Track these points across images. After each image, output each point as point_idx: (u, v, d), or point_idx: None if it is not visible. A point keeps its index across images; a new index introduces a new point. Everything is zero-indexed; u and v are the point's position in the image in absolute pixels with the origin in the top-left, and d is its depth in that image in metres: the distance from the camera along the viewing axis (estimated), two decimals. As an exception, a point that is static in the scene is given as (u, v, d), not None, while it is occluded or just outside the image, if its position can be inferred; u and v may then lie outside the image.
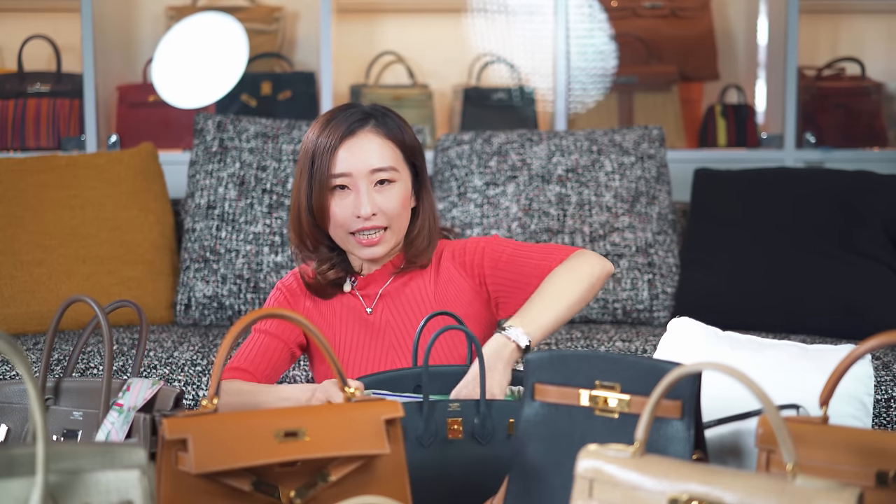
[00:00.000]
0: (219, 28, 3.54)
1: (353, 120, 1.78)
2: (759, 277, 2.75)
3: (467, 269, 1.85)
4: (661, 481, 1.02)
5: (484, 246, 1.85)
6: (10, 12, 3.80)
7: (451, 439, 1.46)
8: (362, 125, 1.78)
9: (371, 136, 1.78)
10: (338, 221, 1.78)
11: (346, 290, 1.85)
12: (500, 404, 1.49)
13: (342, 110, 1.81)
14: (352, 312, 1.84)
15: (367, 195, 1.75)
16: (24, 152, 3.38)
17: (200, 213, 2.83)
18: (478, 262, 1.84)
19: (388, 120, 1.81)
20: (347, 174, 1.76)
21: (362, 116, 1.79)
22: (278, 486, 1.20)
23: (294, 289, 1.87)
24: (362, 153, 1.77)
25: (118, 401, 1.46)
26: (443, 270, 1.85)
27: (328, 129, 1.78)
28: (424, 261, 1.84)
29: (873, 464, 1.15)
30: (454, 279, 1.85)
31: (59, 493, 0.98)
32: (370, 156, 1.77)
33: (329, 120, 1.79)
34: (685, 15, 3.67)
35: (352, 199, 1.76)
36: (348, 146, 1.76)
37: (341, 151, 1.76)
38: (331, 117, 1.80)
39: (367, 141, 1.77)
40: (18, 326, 2.67)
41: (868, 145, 3.57)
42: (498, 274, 1.82)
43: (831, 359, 1.41)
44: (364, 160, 1.76)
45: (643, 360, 1.27)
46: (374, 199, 1.76)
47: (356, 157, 1.76)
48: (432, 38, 3.85)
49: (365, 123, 1.78)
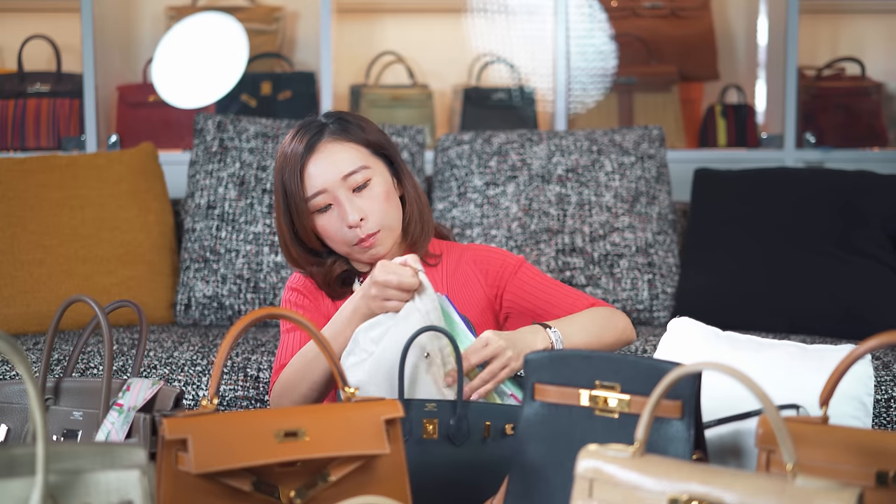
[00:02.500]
0: (219, 28, 3.55)
1: (311, 135, 1.78)
2: (759, 277, 2.75)
3: (490, 278, 1.86)
4: (661, 481, 1.02)
5: (516, 265, 1.87)
6: (10, 12, 3.80)
7: (425, 439, 1.46)
8: (320, 137, 1.78)
9: (331, 146, 1.77)
10: (336, 238, 1.78)
11: (356, 289, 1.85)
12: (477, 406, 1.49)
13: (297, 130, 1.81)
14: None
15: (348, 203, 1.75)
16: (24, 152, 3.38)
17: (200, 213, 2.83)
18: (504, 277, 1.85)
19: (346, 123, 1.80)
20: (322, 191, 1.76)
21: (317, 129, 1.79)
22: (278, 486, 1.20)
23: (310, 287, 1.87)
24: (328, 163, 1.76)
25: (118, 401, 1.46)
26: (461, 273, 1.86)
27: (290, 149, 1.78)
28: (423, 245, 1.85)
29: (873, 464, 1.15)
30: (471, 283, 1.85)
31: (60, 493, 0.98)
32: (337, 163, 1.76)
33: (288, 143, 1.80)
34: (685, 15, 3.67)
35: (336, 214, 1.77)
36: (313, 161, 1.76)
37: (309, 168, 1.76)
38: (291, 137, 1.80)
39: (329, 151, 1.77)
40: (18, 326, 2.67)
41: (868, 145, 3.57)
42: (522, 296, 1.84)
43: (831, 359, 1.41)
44: (332, 170, 1.76)
45: (643, 360, 1.27)
46: (357, 205, 1.76)
47: (324, 170, 1.76)
48: (432, 38, 3.85)
49: (322, 135, 1.78)
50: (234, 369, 2.36)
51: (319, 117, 1.83)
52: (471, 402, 1.50)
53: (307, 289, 1.86)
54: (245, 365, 2.38)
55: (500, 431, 1.47)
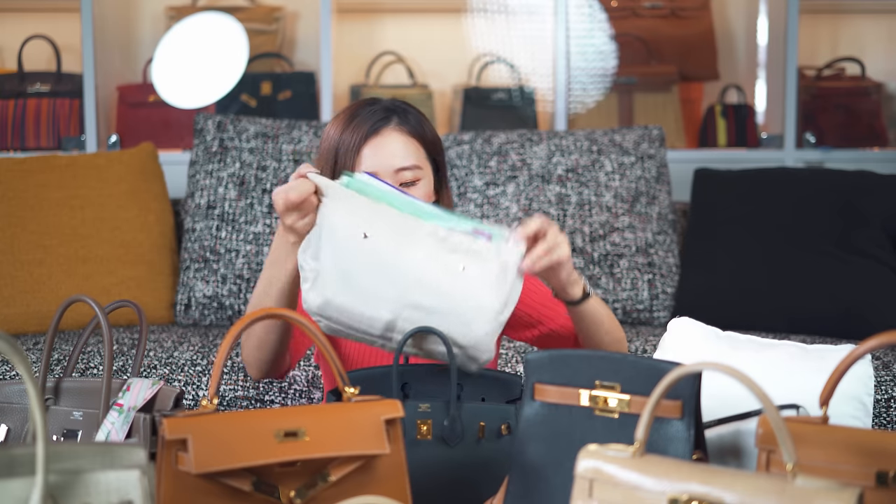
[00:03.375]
0: (219, 28, 3.55)
1: (377, 119, 1.76)
2: (760, 277, 2.75)
3: None
4: (661, 481, 1.02)
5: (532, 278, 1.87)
6: (9, 12, 3.80)
7: (419, 440, 1.46)
8: (385, 123, 1.76)
9: (395, 135, 1.76)
10: None
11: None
12: (471, 407, 1.48)
13: (363, 107, 1.78)
14: None
15: None
16: (24, 152, 3.38)
17: (200, 213, 2.83)
18: None
19: (410, 116, 1.79)
20: (372, 173, 1.75)
21: (385, 115, 1.77)
22: (278, 486, 1.20)
23: None
24: (387, 152, 1.74)
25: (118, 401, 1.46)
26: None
27: (351, 127, 1.75)
28: None
29: (873, 464, 1.15)
30: None
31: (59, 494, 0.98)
32: (395, 154, 1.75)
33: (352, 117, 1.77)
34: (685, 15, 3.67)
35: None
36: (373, 145, 1.74)
37: (366, 150, 1.74)
38: (353, 114, 1.77)
39: (390, 140, 1.75)
40: (18, 326, 2.67)
41: (868, 145, 3.57)
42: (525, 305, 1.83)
43: (831, 359, 1.41)
44: (389, 160, 1.74)
45: (643, 360, 1.27)
46: None
47: (381, 157, 1.74)
48: (432, 38, 3.85)
49: (388, 122, 1.76)
50: (234, 369, 2.36)
51: (386, 101, 1.81)
52: (464, 402, 1.50)
53: None
54: (245, 365, 2.38)
55: (496, 432, 1.47)
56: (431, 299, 1.47)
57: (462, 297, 1.47)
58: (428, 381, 1.54)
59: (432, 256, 1.48)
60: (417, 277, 1.47)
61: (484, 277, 1.48)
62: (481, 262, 1.49)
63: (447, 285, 1.47)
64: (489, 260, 1.49)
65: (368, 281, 1.47)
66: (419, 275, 1.47)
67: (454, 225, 1.51)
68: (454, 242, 1.49)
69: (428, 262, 1.47)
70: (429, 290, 1.47)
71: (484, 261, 1.49)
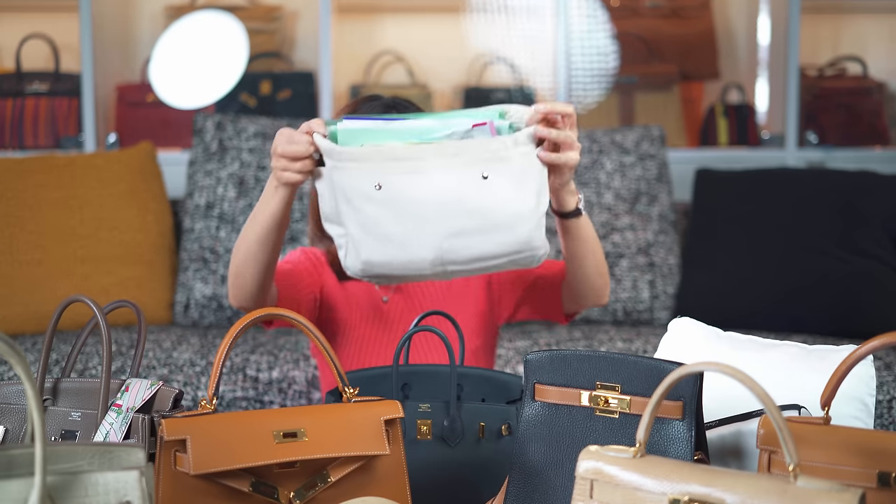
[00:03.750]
0: (218, 27, 3.54)
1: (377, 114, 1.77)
2: (761, 277, 2.75)
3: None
4: (662, 482, 1.02)
5: None
6: (8, 11, 3.80)
7: (419, 440, 1.46)
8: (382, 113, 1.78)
9: None
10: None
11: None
12: (471, 407, 1.48)
13: (364, 103, 1.80)
14: (368, 299, 1.85)
15: None
16: (22, 152, 3.38)
17: (199, 212, 2.83)
18: None
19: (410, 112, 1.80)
20: (353, 116, 1.75)
21: (384, 110, 1.78)
22: (277, 487, 1.20)
23: (321, 258, 1.86)
24: None
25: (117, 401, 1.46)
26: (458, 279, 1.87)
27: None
28: None
29: (875, 465, 1.14)
30: (471, 279, 1.86)
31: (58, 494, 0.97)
32: None
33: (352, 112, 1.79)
34: (686, 14, 3.67)
35: None
36: None
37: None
38: (354, 110, 1.79)
39: None
40: (17, 327, 2.67)
41: (870, 145, 3.57)
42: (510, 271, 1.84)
43: (833, 359, 1.40)
44: None
45: (644, 360, 1.27)
46: None
47: None
48: (432, 38, 3.85)
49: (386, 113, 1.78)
50: (233, 370, 2.36)
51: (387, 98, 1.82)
52: (464, 403, 1.49)
53: (316, 256, 1.86)
54: (244, 365, 2.37)
55: (496, 432, 1.47)
56: (464, 222, 1.42)
57: (493, 208, 1.42)
58: (428, 381, 1.54)
59: (449, 178, 1.42)
60: (442, 206, 1.42)
61: (508, 178, 1.42)
62: (500, 163, 1.43)
63: (474, 201, 1.42)
64: (507, 158, 1.43)
65: (397, 229, 1.43)
66: (443, 203, 1.41)
67: (454, 128, 1.45)
68: (465, 152, 1.43)
69: (447, 186, 1.42)
70: (458, 215, 1.42)
71: (502, 160, 1.43)
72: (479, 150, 1.42)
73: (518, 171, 1.43)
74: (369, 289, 1.86)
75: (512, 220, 1.42)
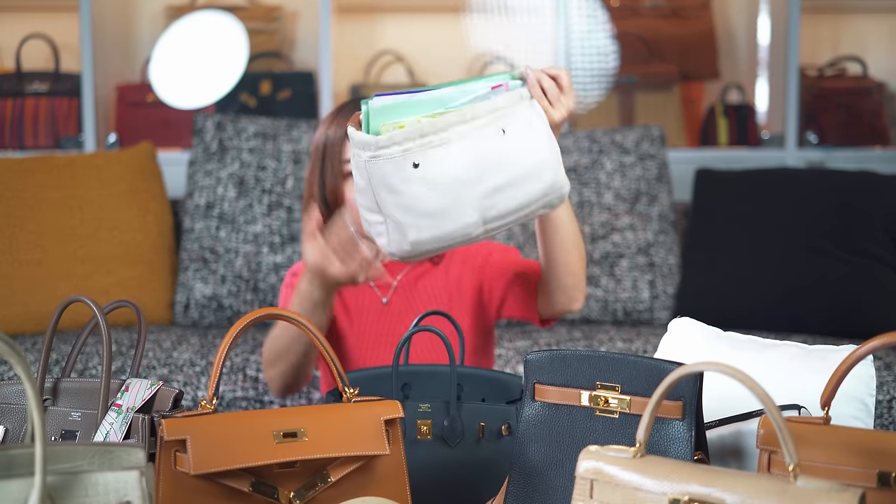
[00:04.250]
0: (218, 27, 3.54)
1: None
2: (761, 277, 2.75)
3: (476, 268, 1.90)
4: (662, 482, 1.02)
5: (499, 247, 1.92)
6: (8, 11, 3.80)
7: (419, 440, 1.46)
8: None
9: None
10: (353, 206, 1.79)
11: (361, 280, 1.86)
12: (472, 407, 1.48)
13: (348, 104, 1.84)
14: (368, 302, 1.85)
15: None
16: (22, 152, 3.38)
17: (199, 212, 2.83)
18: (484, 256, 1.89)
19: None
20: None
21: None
22: (277, 487, 1.20)
23: None
24: None
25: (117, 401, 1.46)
26: (454, 268, 1.88)
27: (337, 120, 1.81)
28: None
29: (875, 465, 1.14)
30: (466, 276, 1.87)
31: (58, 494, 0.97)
32: None
33: (336, 113, 1.83)
34: (686, 14, 3.67)
35: None
36: None
37: None
38: (337, 111, 1.83)
39: None
40: (17, 327, 2.67)
41: (870, 145, 3.57)
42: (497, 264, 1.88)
43: (833, 359, 1.40)
44: None
45: (644, 360, 1.27)
46: None
47: None
48: (432, 38, 3.85)
49: None
50: (233, 370, 2.36)
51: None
52: (464, 403, 1.49)
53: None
54: (244, 365, 2.37)
55: (496, 432, 1.47)
56: (497, 178, 1.47)
57: (517, 159, 1.48)
58: (428, 381, 1.54)
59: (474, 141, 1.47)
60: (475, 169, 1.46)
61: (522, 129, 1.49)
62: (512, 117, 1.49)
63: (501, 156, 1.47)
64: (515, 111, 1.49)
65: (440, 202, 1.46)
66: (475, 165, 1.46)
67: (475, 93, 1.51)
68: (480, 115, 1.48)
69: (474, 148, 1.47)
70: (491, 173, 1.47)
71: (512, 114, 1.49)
72: (490, 109, 1.48)
73: (526, 121, 1.49)
74: (368, 290, 1.86)
75: (537, 167, 1.49)
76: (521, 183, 1.48)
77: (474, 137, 1.46)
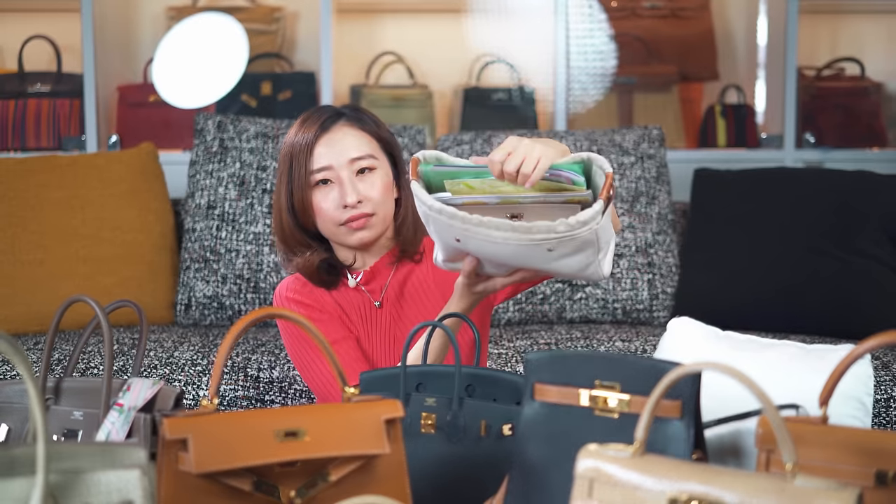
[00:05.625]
0: (219, 28, 3.55)
1: (326, 117, 1.82)
2: (759, 277, 2.75)
3: None
4: (660, 481, 1.02)
5: None
6: (10, 12, 3.81)
7: (423, 433, 1.47)
8: (335, 121, 1.82)
9: (346, 129, 1.81)
10: (326, 216, 1.80)
11: (352, 286, 1.86)
12: (475, 404, 1.49)
13: (314, 111, 1.85)
14: (362, 306, 1.85)
15: (350, 184, 1.78)
16: (24, 152, 3.38)
17: (200, 213, 2.83)
18: None
19: (362, 115, 1.85)
20: (328, 167, 1.79)
21: (334, 113, 1.83)
22: (278, 486, 1.20)
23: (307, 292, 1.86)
24: (339, 145, 1.80)
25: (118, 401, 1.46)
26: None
27: (302, 129, 1.82)
28: (414, 249, 1.86)
29: (873, 463, 1.15)
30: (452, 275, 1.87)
31: (60, 493, 0.98)
32: (348, 147, 1.80)
33: (303, 121, 1.83)
34: (685, 15, 3.68)
35: (336, 192, 1.79)
36: (325, 141, 1.80)
37: (318, 147, 1.79)
38: (304, 119, 1.83)
39: (342, 134, 1.81)
40: (19, 326, 2.67)
41: (868, 145, 3.57)
42: None
43: (831, 359, 1.41)
44: (342, 151, 1.79)
45: (643, 359, 1.27)
46: (357, 188, 1.79)
47: (334, 150, 1.79)
48: (432, 38, 3.85)
49: (338, 119, 1.82)
50: (234, 369, 2.36)
51: (337, 106, 1.87)
52: (467, 398, 1.50)
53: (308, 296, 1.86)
54: (245, 365, 2.38)
55: (498, 431, 1.47)
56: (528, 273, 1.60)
57: (558, 268, 1.54)
58: (441, 381, 1.54)
59: (519, 250, 1.51)
60: (511, 263, 1.57)
61: (572, 248, 1.50)
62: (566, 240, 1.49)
63: (540, 265, 1.54)
64: (573, 237, 1.49)
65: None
66: (510, 260, 1.56)
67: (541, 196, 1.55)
68: (535, 232, 1.49)
69: (516, 255, 1.52)
70: (526, 270, 1.58)
71: (568, 239, 1.49)
72: (547, 231, 1.48)
73: (579, 244, 1.50)
74: (359, 297, 1.86)
75: (577, 272, 1.56)
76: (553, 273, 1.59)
77: (520, 248, 1.50)
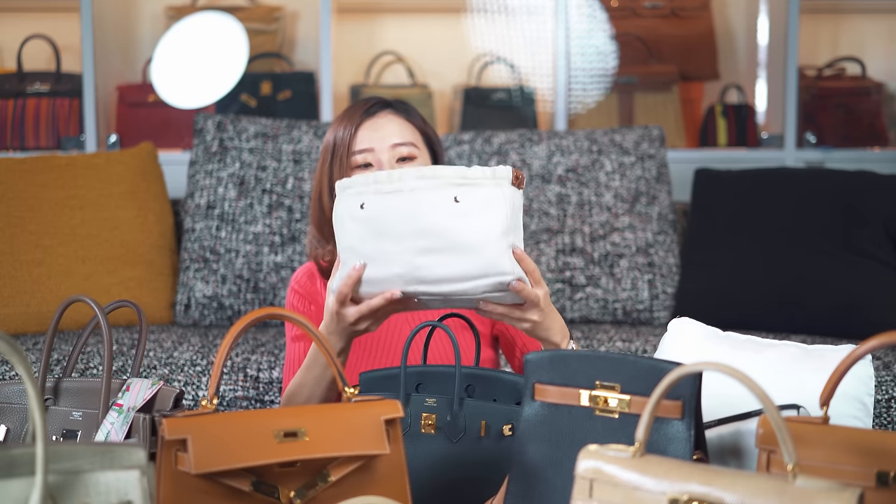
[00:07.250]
0: (218, 28, 3.54)
1: (373, 104, 1.83)
2: (760, 277, 2.75)
3: None
4: (661, 482, 1.02)
5: None
6: (9, 12, 3.80)
7: (423, 433, 1.47)
8: (381, 108, 1.83)
9: (390, 117, 1.82)
10: None
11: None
12: (475, 405, 1.49)
13: (359, 101, 1.87)
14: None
15: (389, 167, 1.78)
16: (23, 152, 3.38)
17: (200, 213, 2.83)
18: None
19: (408, 107, 1.86)
20: (369, 149, 1.79)
21: (380, 100, 1.85)
22: (278, 487, 1.20)
23: (309, 288, 1.87)
24: (383, 130, 1.80)
25: (118, 401, 1.46)
26: None
27: (347, 117, 1.83)
28: None
29: (874, 464, 1.15)
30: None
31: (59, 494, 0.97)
32: (391, 132, 1.80)
33: (347, 111, 1.85)
34: (685, 15, 3.67)
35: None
36: (369, 125, 1.80)
37: (362, 131, 1.80)
38: (348, 109, 1.85)
39: (386, 120, 1.82)
40: (18, 326, 2.67)
41: (868, 145, 3.57)
42: None
43: (832, 359, 1.41)
44: (385, 136, 1.80)
45: (643, 360, 1.27)
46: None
47: (377, 133, 1.80)
48: (432, 38, 3.85)
49: (384, 107, 1.84)
50: (233, 369, 2.36)
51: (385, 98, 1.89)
52: (467, 399, 1.50)
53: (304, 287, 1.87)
54: (245, 365, 2.38)
55: (498, 431, 1.47)
56: (433, 241, 1.46)
57: (461, 230, 1.45)
58: (442, 381, 1.54)
59: (425, 199, 1.47)
60: (415, 225, 1.47)
61: (477, 203, 1.46)
62: (471, 188, 1.47)
63: (445, 222, 1.46)
64: (479, 185, 1.47)
65: (373, 247, 1.49)
66: (416, 222, 1.47)
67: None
68: (442, 176, 1.48)
69: (422, 206, 1.47)
70: (429, 234, 1.46)
71: (474, 187, 1.47)
72: (455, 175, 1.47)
73: (485, 197, 1.46)
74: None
75: (478, 244, 1.45)
76: (457, 254, 1.45)
77: (426, 195, 1.47)
